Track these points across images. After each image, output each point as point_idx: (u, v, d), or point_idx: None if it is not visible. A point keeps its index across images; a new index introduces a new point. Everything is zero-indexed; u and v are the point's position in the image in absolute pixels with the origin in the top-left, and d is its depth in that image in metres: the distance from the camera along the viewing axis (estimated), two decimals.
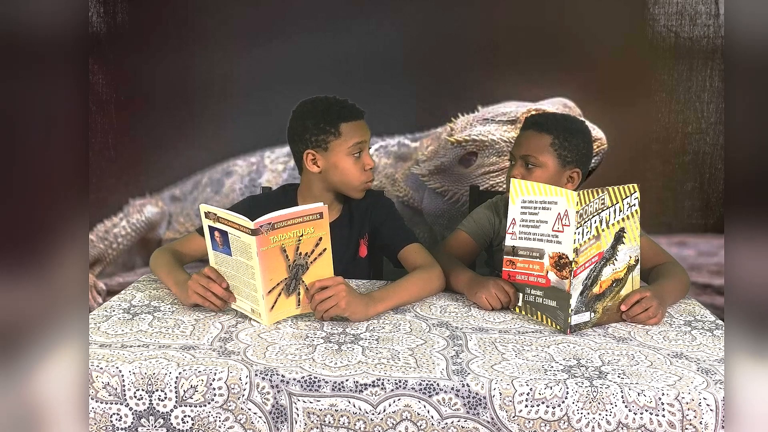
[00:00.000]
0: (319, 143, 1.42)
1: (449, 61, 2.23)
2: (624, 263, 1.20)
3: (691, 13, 2.15)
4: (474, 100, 2.24)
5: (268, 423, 0.95)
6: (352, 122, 1.43)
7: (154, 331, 1.11)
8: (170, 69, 2.29)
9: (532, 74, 2.20)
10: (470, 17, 2.21)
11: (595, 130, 2.11)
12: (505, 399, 0.92)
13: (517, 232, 1.23)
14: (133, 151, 2.36)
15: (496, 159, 2.23)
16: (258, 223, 1.08)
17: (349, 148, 1.42)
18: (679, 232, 2.24)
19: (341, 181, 1.45)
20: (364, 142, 1.44)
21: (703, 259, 2.26)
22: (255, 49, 2.25)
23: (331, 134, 1.41)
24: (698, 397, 0.91)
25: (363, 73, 2.20)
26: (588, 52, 2.19)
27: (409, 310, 1.26)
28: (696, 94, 2.18)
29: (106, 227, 2.39)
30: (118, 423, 0.95)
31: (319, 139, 1.42)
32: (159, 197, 2.38)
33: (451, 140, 2.24)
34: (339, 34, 2.22)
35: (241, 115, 2.28)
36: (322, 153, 1.43)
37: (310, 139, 1.43)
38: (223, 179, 2.33)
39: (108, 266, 2.41)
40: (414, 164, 2.31)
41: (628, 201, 1.19)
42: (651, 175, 2.21)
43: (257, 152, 2.34)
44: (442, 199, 2.29)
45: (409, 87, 2.23)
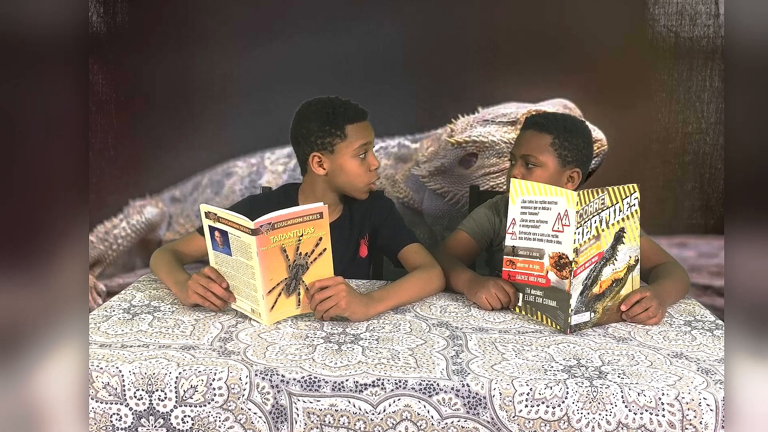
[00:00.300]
0: (324, 146, 1.42)
1: (449, 61, 2.23)
2: (624, 263, 1.20)
3: (691, 13, 2.15)
4: (474, 101, 2.24)
5: (268, 423, 0.95)
6: (357, 123, 1.42)
7: (154, 331, 1.11)
8: (170, 69, 2.29)
9: (533, 75, 2.19)
10: (470, 18, 2.21)
11: (596, 131, 2.11)
12: (505, 399, 0.92)
13: (517, 232, 1.23)
14: (133, 152, 2.36)
15: (497, 160, 2.23)
16: (258, 223, 1.08)
17: (354, 149, 1.41)
18: (680, 233, 2.24)
19: (346, 182, 1.44)
20: (369, 143, 1.44)
21: (703, 261, 2.25)
22: (255, 49, 2.25)
23: (336, 136, 1.41)
24: (698, 397, 0.91)
25: (363, 74, 2.20)
26: (588, 52, 2.19)
27: (409, 310, 1.26)
28: (696, 94, 2.18)
29: (106, 228, 2.38)
30: (118, 423, 0.95)
31: (324, 142, 1.41)
32: (159, 198, 2.38)
33: (452, 141, 2.24)
34: (339, 34, 2.22)
35: (241, 115, 2.28)
36: (327, 155, 1.42)
37: (316, 142, 1.42)
38: (223, 180, 2.33)
39: (108, 267, 2.41)
40: (414, 165, 2.31)
41: (628, 201, 1.19)
42: (651, 176, 2.21)
43: (257, 153, 2.33)
44: (442, 200, 2.29)
45: (409, 88, 2.23)
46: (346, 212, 1.53)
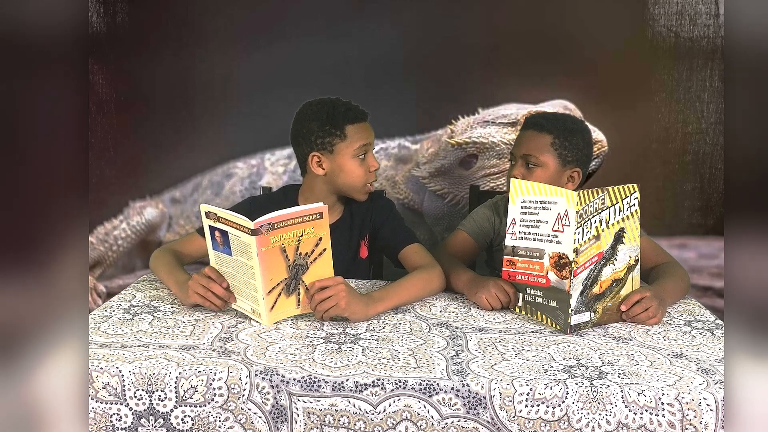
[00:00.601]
0: (324, 145, 1.42)
1: (450, 63, 2.23)
2: (624, 263, 1.20)
3: (691, 13, 2.15)
4: (474, 103, 2.23)
5: (268, 423, 0.95)
6: (357, 124, 1.42)
7: (154, 331, 1.11)
8: (171, 71, 2.29)
9: (533, 77, 2.19)
10: (471, 20, 2.21)
11: (596, 132, 2.11)
12: (505, 399, 0.92)
13: (517, 232, 1.23)
14: (134, 153, 2.36)
15: (497, 161, 2.22)
16: (258, 223, 1.08)
17: (354, 150, 1.41)
18: (680, 234, 2.24)
19: (346, 183, 1.44)
20: (368, 144, 1.44)
21: (704, 262, 2.25)
22: (255, 51, 2.25)
23: (336, 136, 1.41)
24: (698, 397, 0.91)
25: (363, 76, 2.20)
26: (588, 54, 2.19)
27: (409, 310, 1.26)
28: (696, 94, 2.18)
29: (106, 229, 2.38)
30: (118, 423, 0.95)
31: (324, 142, 1.42)
32: (159, 199, 2.38)
33: (452, 142, 2.24)
34: (339, 36, 2.22)
35: (241, 117, 2.28)
36: (327, 155, 1.43)
37: (315, 142, 1.42)
38: (223, 181, 2.33)
39: (108, 268, 2.41)
40: (414, 166, 2.31)
41: (627, 201, 1.19)
42: (651, 176, 2.21)
43: (257, 154, 2.33)
44: (442, 201, 2.29)
45: (409, 89, 2.23)
46: (346, 213, 1.53)
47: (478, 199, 1.81)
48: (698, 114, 2.19)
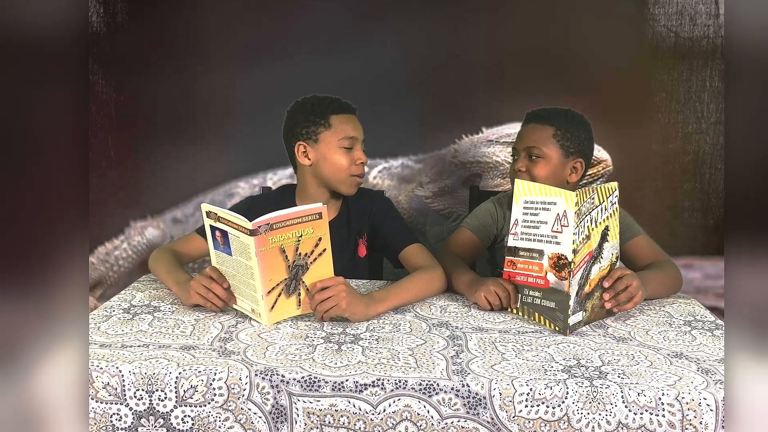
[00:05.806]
0: (309, 135, 1.44)
1: (453, 82, 2.22)
2: (608, 260, 1.20)
3: (691, 13, 2.15)
4: (478, 122, 2.23)
5: (268, 423, 0.95)
6: (342, 115, 1.44)
7: (154, 331, 1.11)
8: (172, 90, 2.28)
9: (537, 95, 2.16)
10: (474, 39, 2.20)
11: (600, 152, 2.11)
12: (505, 399, 0.92)
13: (519, 233, 1.23)
14: (135, 173, 2.35)
15: (501, 181, 2.22)
16: (256, 223, 1.08)
17: (339, 140, 1.43)
18: (685, 254, 2.23)
19: (330, 173, 1.45)
20: (355, 138, 1.44)
21: (709, 282, 2.24)
22: (257, 70, 2.24)
23: (321, 125, 1.43)
24: (698, 397, 0.91)
25: (366, 95, 2.17)
26: (592, 72, 2.18)
27: (409, 310, 1.26)
28: (696, 94, 2.19)
29: (107, 249, 2.38)
30: (118, 423, 0.95)
31: (309, 131, 1.44)
32: (160, 219, 2.37)
33: (455, 162, 2.24)
34: (342, 55, 2.21)
35: (243, 136, 2.27)
36: (312, 144, 1.44)
37: (301, 132, 1.45)
38: (225, 201, 2.32)
39: (109, 289, 2.40)
40: (418, 186, 2.30)
41: (610, 199, 1.20)
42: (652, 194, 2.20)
43: (259, 174, 2.33)
44: (446, 221, 2.28)
45: (412, 108, 2.22)
46: (343, 211, 1.52)
47: (478, 199, 1.81)
48: (698, 114, 2.19)
